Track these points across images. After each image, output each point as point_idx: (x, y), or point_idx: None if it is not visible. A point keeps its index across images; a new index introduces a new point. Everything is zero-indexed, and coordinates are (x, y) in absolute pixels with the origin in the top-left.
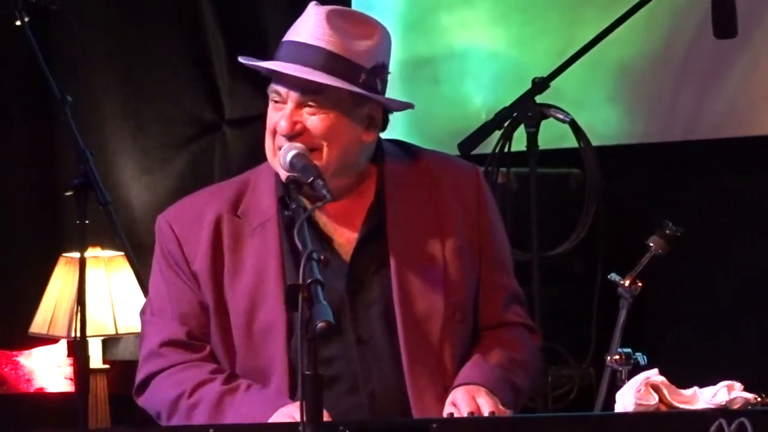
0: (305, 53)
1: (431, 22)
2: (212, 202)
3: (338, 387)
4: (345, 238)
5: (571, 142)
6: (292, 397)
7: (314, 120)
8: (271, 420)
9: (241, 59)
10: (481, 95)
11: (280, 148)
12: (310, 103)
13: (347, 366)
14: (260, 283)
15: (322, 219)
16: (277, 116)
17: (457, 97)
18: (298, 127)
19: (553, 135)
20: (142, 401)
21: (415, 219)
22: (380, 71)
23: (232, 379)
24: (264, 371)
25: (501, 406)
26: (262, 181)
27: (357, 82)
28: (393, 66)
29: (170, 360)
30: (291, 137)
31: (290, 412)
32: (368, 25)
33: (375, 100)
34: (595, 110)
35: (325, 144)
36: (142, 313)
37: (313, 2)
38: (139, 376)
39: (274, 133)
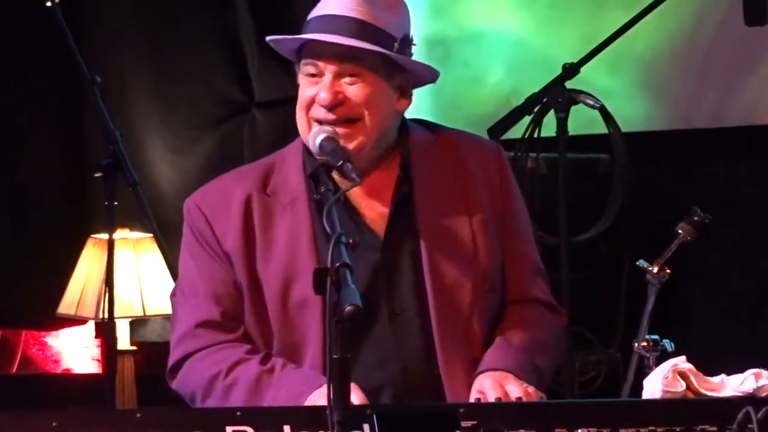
0: (338, 24)
1: (459, 5)
2: (240, 182)
3: (370, 361)
4: (377, 213)
5: (601, 128)
6: (325, 372)
7: (354, 89)
8: (308, 399)
9: (269, 38)
10: (509, 79)
11: (317, 120)
12: (348, 73)
13: (380, 340)
14: (293, 259)
15: (352, 195)
16: (314, 90)
17: (485, 80)
18: (340, 96)
19: (582, 121)
20: (175, 383)
21: (442, 190)
22: (408, 43)
23: (268, 359)
24: (299, 346)
25: (530, 389)
26: (289, 159)
27: (392, 50)
28: (421, 48)
29: (205, 341)
30: (332, 107)
31: (316, 402)
32: None
33: (405, 70)
34: (623, 97)
35: (366, 112)
36: (173, 295)
37: None
38: (173, 357)
39: (308, 107)
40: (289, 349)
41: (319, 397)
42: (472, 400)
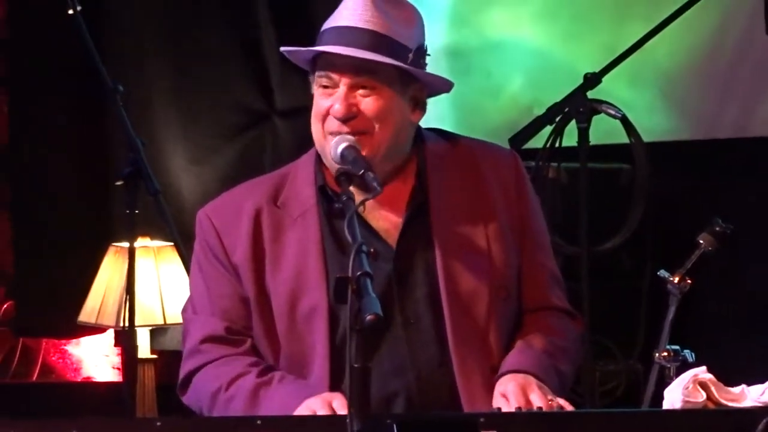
0: (353, 36)
1: (482, 15)
2: (251, 194)
3: (385, 369)
4: (390, 223)
5: (622, 137)
6: (332, 382)
7: (368, 101)
8: (296, 411)
9: (283, 49)
10: (530, 89)
11: (331, 133)
12: (362, 85)
13: (395, 348)
14: (302, 270)
15: (366, 205)
16: (328, 101)
17: (506, 90)
18: (354, 109)
19: (604, 130)
20: (185, 399)
21: (457, 200)
22: (423, 53)
23: (267, 371)
24: (305, 357)
25: (551, 396)
26: (301, 171)
27: (406, 62)
28: (443, 58)
29: (210, 355)
30: (346, 120)
31: (313, 405)
32: (406, 9)
33: (420, 81)
34: (644, 109)
35: (377, 125)
36: (184, 311)
37: None
38: (181, 373)
39: (324, 118)
40: (295, 359)
41: (305, 410)
42: (494, 402)
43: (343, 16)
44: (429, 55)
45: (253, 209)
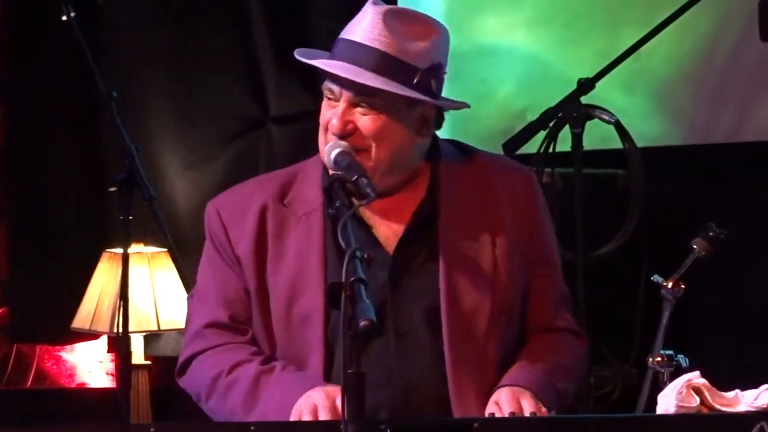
0: (359, 53)
1: (475, 21)
2: (260, 190)
3: (372, 378)
4: (391, 231)
5: (617, 143)
6: (328, 382)
7: (365, 120)
8: (297, 403)
9: (297, 54)
10: (524, 95)
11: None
12: (362, 104)
13: (384, 358)
14: (302, 271)
15: (368, 212)
16: (330, 114)
17: (500, 96)
18: (350, 127)
19: (598, 136)
20: (183, 382)
21: (467, 215)
22: (436, 71)
23: (270, 360)
24: (301, 357)
25: (543, 409)
26: (311, 172)
27: (410, 83)
28: None
29: (212, 341)
30: (342, 137)
31: (314, 398)
32: (425, 25)
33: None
34: (639, 116)
35: (374, 144)
36: (190, 297)
37: (371, 1)
38: (182, 357)
39: (327, 129)
40: (291, 358)
41: (306, 401)
42: (487, 411)
43: (354, 30)
44: (446, 72)
45: (259, 205)
